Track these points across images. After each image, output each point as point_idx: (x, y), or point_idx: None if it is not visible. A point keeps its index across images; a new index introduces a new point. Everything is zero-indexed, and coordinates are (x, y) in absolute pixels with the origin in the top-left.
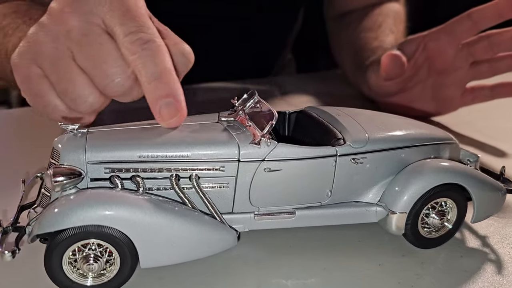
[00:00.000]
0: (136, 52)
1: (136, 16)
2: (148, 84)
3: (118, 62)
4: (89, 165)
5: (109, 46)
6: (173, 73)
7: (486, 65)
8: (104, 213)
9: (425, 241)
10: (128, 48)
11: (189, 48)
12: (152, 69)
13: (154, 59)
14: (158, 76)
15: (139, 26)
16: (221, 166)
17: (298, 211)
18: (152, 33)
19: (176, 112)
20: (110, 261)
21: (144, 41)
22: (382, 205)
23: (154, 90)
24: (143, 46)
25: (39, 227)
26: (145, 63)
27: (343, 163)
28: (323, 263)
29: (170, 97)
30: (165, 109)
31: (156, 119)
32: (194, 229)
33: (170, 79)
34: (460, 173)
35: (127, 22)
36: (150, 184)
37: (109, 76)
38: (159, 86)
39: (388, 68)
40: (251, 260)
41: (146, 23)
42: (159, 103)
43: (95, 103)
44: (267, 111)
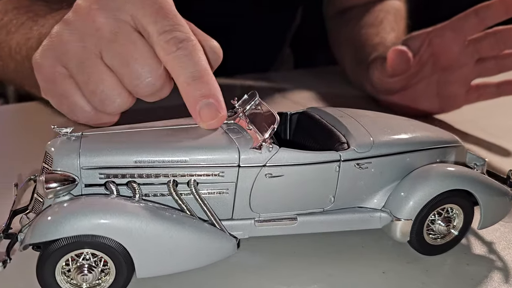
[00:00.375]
0: (172, 52)
1: (169, 14)
2: (187, 85)
3: (150, 61)
4: (83, 170)
5: (140, 44)
6: (211, 72)
7: (492, 62)
8: (98, 223)
9: (430, 248)
10: (163, 47)
11: (218, 44)
12: (190, 69)
13: (192, 58)
14: (198, 76)
15: (174, 24)
16: (221, 172)
17: (300, 217)
18: (187, 32)
19: (217, 113)
20: (105, 271)
21: (180, 40)
22: (387, 211)
23: (194, 91)
24: (178, 45)
25: (31, 237)
26: (182, 63)
27: (347, 168)
28: (326, 270)
29: (211, 97)
30: (206, 110)
31: (196, 120)
32: (192, 237)
33: (209, 79)
34: (468, 178)
35: (161, 20)
36: (147, 190)
37: (140, 76)
38: (198, 86)
39: (394, 63)
40: (251, 267)
41: (180, 21)
42: (199, 103)
43: (123, 103)
44: (268, 114)
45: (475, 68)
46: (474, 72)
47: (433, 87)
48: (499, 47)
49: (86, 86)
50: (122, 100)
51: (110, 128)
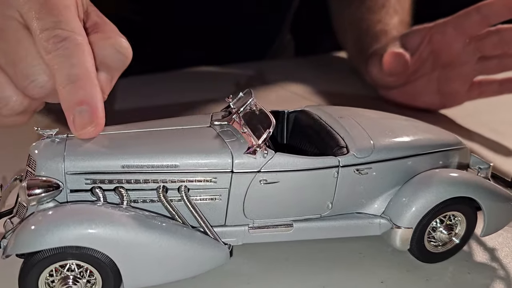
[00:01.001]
0: (51, 51)
1: (54, 9)
2: (62, 88)
3: (37, 61)
4: (68, 175)
5: (27, 42)
6: (92, 76)
7: (495, 61)
8: (83, 234)
9: (431, 256)
10: (43, 46)
11: (126, 42)
12: (67, 71)
13: (70, 59)
14: (74, 79)
15: (57, 21)
16: (213, 178)
17: (296, 223)
18: (71, 29)
19: (90, 121)
20: (91, 281)
21: (61, 38)
22: (387, 218)
23: (68, 95)
24: (58, 45)
25: (14, 246)
26: (60, 64)
27: (345, 174)
28: (321, 280)
29: (85, 104)
30: (78, 118)
31: (70, 128)
32: (183, 247)
33: (87, 84)
34: (471, 185)
35: (44, 17)
36: (136, 195)
37: (28, 77)
38: (73, 91)
39: (390, 67)
40: (243, 276)
41: (65, 17)
42: (72, 110)
43: (18, 105)
44: (264, 117)
45: (476, 66)
46: (475, 70)
47: (434, 83)
48: (502, 47)
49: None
50: (17, 101)
51: None
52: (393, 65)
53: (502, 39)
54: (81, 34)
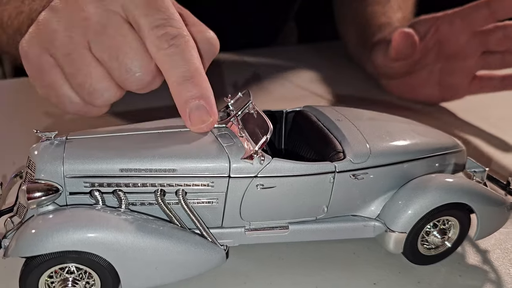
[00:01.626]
0: (163, 49)
1: (162, 6)
2: (177, 85)
3: (140, 55)
4: (67, 179)
5: (130, 37)
6: (203, 72)
7: (498, 57)
8: (82, 239)
9: (423, 258)
10: (154, 43)
11: (214, 35)
12: (181, 69)
13: (183, 57)
14: (189, 76)
15: (166, 18)
16: (210, 182)
17: (292, 225)
18: (179, 27)
19: (207, 116)
20: (90, 282)
21: (172, 36)
22: (381, 221)
23: (184, 92)
24: (170, 42)
25: (15, 250)
26: (173, 62)
27: (341, 179)
28: (315, 281)
29: (202, 99)
30: (196, 113)
31: (185, 123)
32: (179, 250)
33: (200, 80)
34: (466, 192)
35: (153, 13)
36: (134, 198)
37: (130, 70)
38: (189, 87)
39: (399, 46)
40: (239, 275)
41: (173, 14)
42: (189, 106)
43: (112, 97)
44: (261, 121)
45: (479, 60)
46: (478, 65)
47: (436, 75)
48: (506, 43)
49: (73, 78)
50: (110, 93)
51: (96, 131)
52: (402, 45)
53: (507, 35)
54: (186, 30)
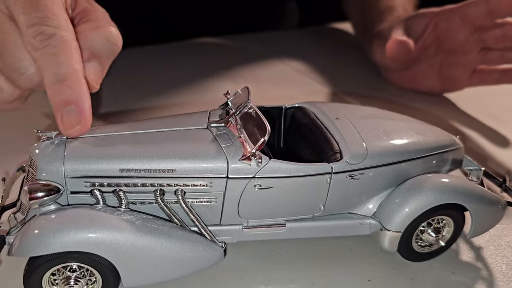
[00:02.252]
0: (38, 48)
1: (40, 4)
2: (51, 87)
3: (25, 54)
4: (68, 179)
5: (14, 35)
6: (80, 75)
7: (497, 53)
8: (83, 240)
9: (417, 255)
10: (30, 43)
11: (116, 31)
12: (55, 70)
13: (57, 58)
14: (62, 78)
15: (43, 16)
16: (209, 182)
17: (289, 223)
18: (56, 25)
19: (78, 121)
20: (92, 279)
21: (47, 36)
22: (377, 219)
23: (56, 94)
24: (45, 42)
25: (18, 250)
26: (47, 63)
27: (338, 179)
28: (311, 277)
29: (73, 104)
30: (66, 117)
31: (58, 126)
32: (178, 249)
33: (74, 83)
34: (461, 192)
35: (30, 11)
36: (134, 197)
37: (17, 69)
38: (61, 89)
39: (393, 54)
40: (237, 270)
41: (52, 12)
42: (61, 109)
43: (10, 95)
44: (260, 121)
45: (478, 55)
46: (477, 60)
47: (436, 68)
48: (504, 41)
49: None
50: (6, 92)
51: (96, 130)
52: (396, 52)
53: (505, 34)
54: (68, 29)
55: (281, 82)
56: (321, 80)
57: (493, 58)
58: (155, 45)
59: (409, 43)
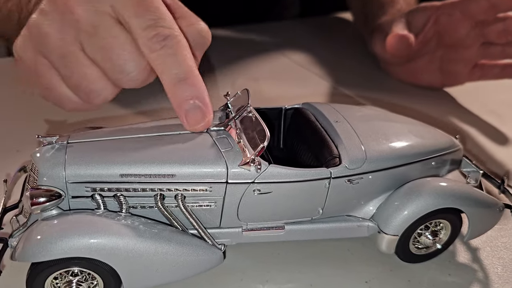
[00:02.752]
0: (156, 50)
1: (152, 6)
2: (172, 87)
3: (133, 56)
4: (69, 184)
5: (122, 38)
6: (197, 72)
7: (498, 48)
8: (85, 246)
9: (414, 257)
10: (146, 45)
11: (206, 26)
12: (175, 70)
13: (176, 57)
14: (183, 77)
15: (156, 18)
16: (209, 187)
17: (288, 225)
18: (170, 26)
19: (203, 117)
20: (94, 282)
21: (163, 36)
22: (375, 222)
23: (179, 93)
24: (162, 43)
25: (21, 255)
26: (167, 63)
27: (337, 184)
28: (310, 278)
29: (197, 99)
30: (192, 113)
31: (182, 123)
32: (180, 253)
33: (195, 80)
34: (459, 197)
35: (143, 14)
36: (134, 202)
37: (123, 71)
38: (184, 88)
39: (394, 49)
40: (236, 272)
41: (163, 13)
42: (185, 106)
43: (109, 95)
44: (259, 127)
45: (479, 50)
46: (478, 55)
47: (436, 62)
48: (506, 36)
49: (69, 79)
50: (107, 92)
51: (96, 134)
52: (396, 47)
53: (507, 28)
54: (178, 29)
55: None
56: (322, 73)
57: (494, 53)
58: None
59: (409, 38)
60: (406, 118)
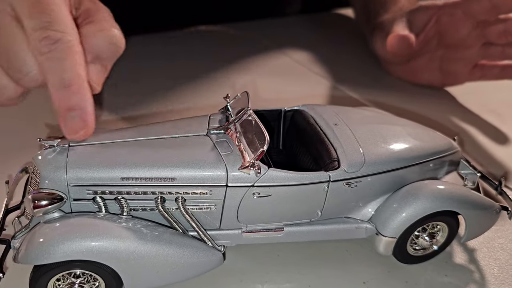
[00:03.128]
0: (44, 53)
1: (47, 8)
2: (56, 91)
3: (30, 56)
4: (71, 187)
5: (19, 37)
6: (84, 81)
7: (498, 49)
8: (87, 249)
9: (411, 258)
10: (36, 47)
11: (119, 33)
12: (60, 75)
13: (63, 63)
14: (67, 84)
15: (50, 21)
16: (209, 190)
17: (287, 227)
18: (63, 30)
19: (82, 126)
20: (96, 284)
21: (53, 40)
22: (373, 224)
23: (61, 100)
24: (51, 47)
25: (24, 258)
26: (52, 68)
27: (335, 187)
28: (308, 279)
29: (77, 109)
30: (70, 123)
31: (62, 130)
32: (180, 255)
33: (79, 88)
34: (456, 200)
35: (36, 15)
36: (135, 204)
37: (21, 70)
38: (66, 96)
39: (394, 49)
40: (236, 272)
41: (58, 16)
42: (65, 113)
43: (13, 93)
44: (259, 131)
45: (480, 50)
46: (479, 55)
47: (436, 61)
48: (507, 37)
49: None
50: (10, 91)
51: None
52: (397, 47)
53: (507, 29)
54: (73, 33)
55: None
56: (322, 72)
57: (494, 53)
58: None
59: (410, 38)
60: (405, 120)
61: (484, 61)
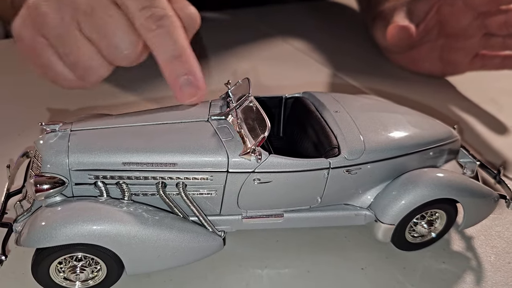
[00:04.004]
0: (152, 30)
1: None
2: (167, 64)
3: (127, 34)
4: (73, 171)
5: (117, 17)
6: (190, 49)
7: (499, 40)
8: (89, 233)
9: (409, 245)
10: (142, 25)
11: (195, 10)
12: (170, 48)
13: (171, 36)
14: (177, 54)
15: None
16: (209, 176)
17: (286, 213)
18: (164, 7)
19: (196, 90)
20: (97, 267)
21: (158, 17)
22: (372, 211)
23: (174, 70)
24: (157, 23)
25: (26, 241)
26: (162, 42)
27: (335, 174)
28: (307, 265)
29: (190, 75)
30: (186, 88)
31: (177, 97)
32: (181, 239)
33: (188, 57)
34: (455, 188)
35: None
36: (136, 189)
37: (118, 49)
38: (178, 65)
39: (395, 39)
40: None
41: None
42: (179, 81)
43: (104, 73)
44: (260, 117)
45: (481, 41)
46: (479, 45)
47: (437, 51)
48: (507, 28)
49: (67, 57)
50: (102, 70)
51: (99, 121)
52: (397, 37)
53: (508, 21)
54: (171, 10)
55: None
56: (322, 59)
57: (495, 44)
58: None
59: (410, 28)
60: (405, 108)
61: (484, 51)
